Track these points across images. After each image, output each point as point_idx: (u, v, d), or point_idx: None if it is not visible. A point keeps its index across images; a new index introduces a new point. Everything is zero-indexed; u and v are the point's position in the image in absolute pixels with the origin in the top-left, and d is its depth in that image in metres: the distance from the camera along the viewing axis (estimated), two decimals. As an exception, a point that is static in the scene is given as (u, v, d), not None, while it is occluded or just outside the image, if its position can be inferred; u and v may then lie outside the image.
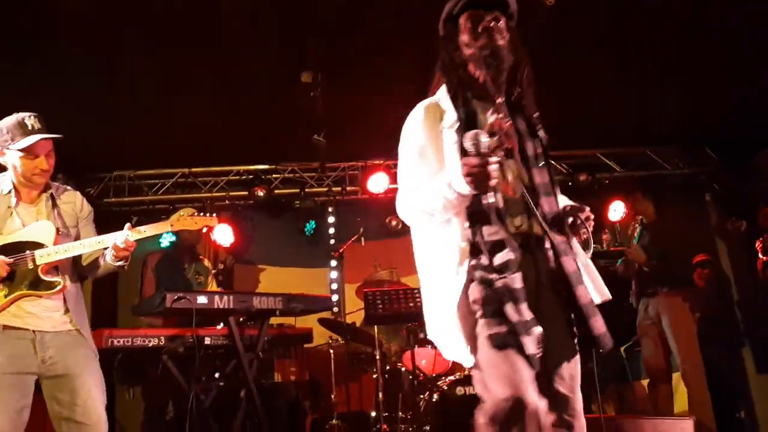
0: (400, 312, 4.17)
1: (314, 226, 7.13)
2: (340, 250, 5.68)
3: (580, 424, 1.84)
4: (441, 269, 1.86)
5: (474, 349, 1.78)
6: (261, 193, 6.46)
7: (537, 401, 1.65)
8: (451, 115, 1.91)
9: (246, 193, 6.62)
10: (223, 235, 6.61)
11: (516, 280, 1.73)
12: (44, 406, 2.54)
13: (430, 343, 4.67)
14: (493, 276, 1.73)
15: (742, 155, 6.43)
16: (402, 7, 4.13)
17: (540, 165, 1.90)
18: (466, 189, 1.71)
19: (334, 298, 6.51)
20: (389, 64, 4.79)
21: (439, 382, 4.16)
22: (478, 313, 1.76)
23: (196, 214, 2.87)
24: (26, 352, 2.47)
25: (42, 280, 2.53)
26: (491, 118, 1.71)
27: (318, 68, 4.79)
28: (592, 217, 1.99)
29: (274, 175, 6.74)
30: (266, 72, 4.88)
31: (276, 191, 6.67)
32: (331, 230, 7.15)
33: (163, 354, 3.77)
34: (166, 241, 5.48)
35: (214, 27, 4.30)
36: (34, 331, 2.51)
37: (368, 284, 5.44)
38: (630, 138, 6.45)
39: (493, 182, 1.67)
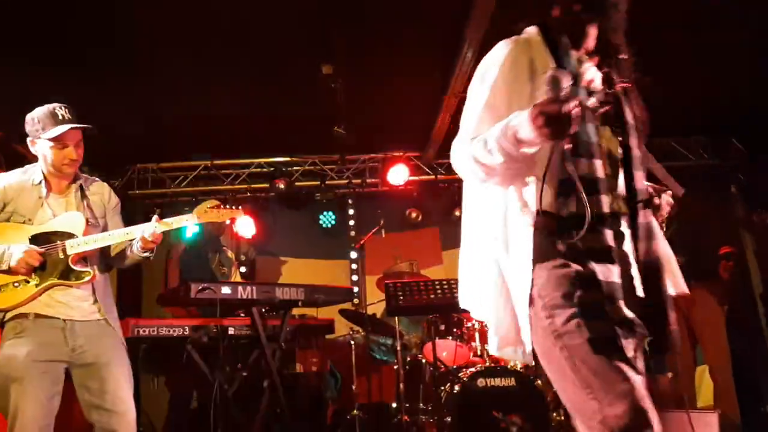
0: (421, 303, 4.17)
1: (333, 217, 7.16)
2: (361, 242, 5.69)
3: None
4: (506, 248, 1.57)
5: (550, 352, 1.47)
6: (282, 186, 6.50)
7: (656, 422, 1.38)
8: (543, 61, 1.60)
9: (267, 185, 6.66)
10: (245, 226, 6.66)
11: (613, 273, 1.50)
12: (74, 393, 2.59)
13: (451, 334, 4.67)
14: (585, 265, 1.47)
15: (769, 146, 6.31)
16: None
17: (638, 134, 1.67)
18: (531, 134, 1.40)
19: (355, 289, 6.54)
20: (410, 56, 4.78)
21: (460, 374, 4.16)
22: (565, 311, 1.44)
23: (221, 206, 2.90)
24: (57, 340, 2.52)
25: (72, 269, 2.57)
26: (592, 75, 1.54)
27: (339, 60, 4.79)
28: (673, 203, 1.77)
29: (294, 168, 6.77)
30: (287, 63, 4.89)
31: (296, 183, 6.71)
32: (352, 222, 7.18)
33: (187, 344, 3.83)
34: (190, 233, 5.54)
35: (235, 19, 4.32)
36: (64, 320, 2.55)
37: (388, 276, 5.45)
38: (653, 128, 6.33)
39: (571, 129, 1.36)
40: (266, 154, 6.72)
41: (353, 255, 7.07)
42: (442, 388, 4.19)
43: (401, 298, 4.17)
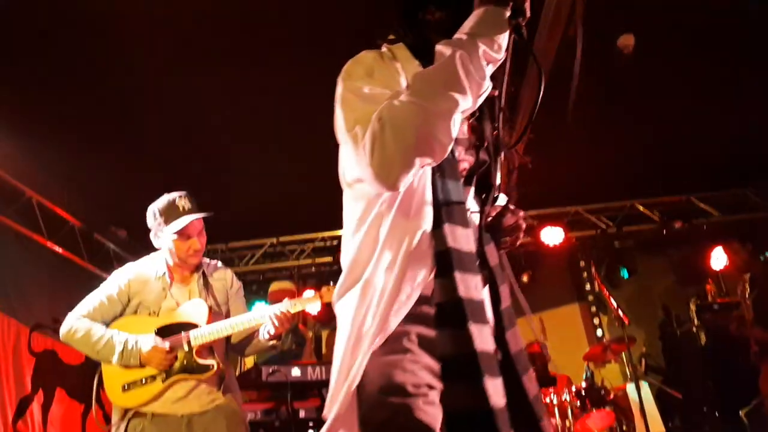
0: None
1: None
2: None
3: None
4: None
5: None
6: (347, 259, 6.43)
7: None
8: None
9: (331, 258, 6.62)
10: (313, 303, 6.56)
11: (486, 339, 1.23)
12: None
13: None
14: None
15: None
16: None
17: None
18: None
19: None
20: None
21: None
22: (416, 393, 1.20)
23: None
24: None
25: (197, 362, 2.50)
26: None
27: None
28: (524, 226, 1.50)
29: (358, 240, 6.72)
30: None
31: (362, 256, 6.64)
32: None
33: (260, 429, 3.78)
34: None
35: (298, 105, 4.40)
36: (182, 416, 2.47)
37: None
38: (726, 178, 6.17)
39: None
40: (329, 228, 6.72)
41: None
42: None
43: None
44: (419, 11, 1.41)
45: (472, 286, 1.23)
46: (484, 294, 1.33)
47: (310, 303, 2.65)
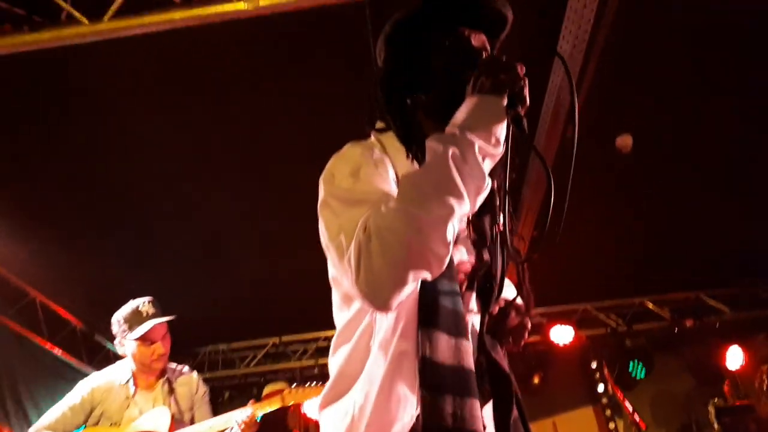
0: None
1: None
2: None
3: None
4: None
5: None
6: (352, 359, 6.27)
7: None
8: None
9: (335, 359, 6.46)
10: (313, 406, 6.34)
11: None
12: None
13: None
14: None
15: None
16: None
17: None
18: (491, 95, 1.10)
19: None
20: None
21: None
22: None
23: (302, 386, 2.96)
24: None
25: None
26: None
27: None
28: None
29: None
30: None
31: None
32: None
33: None
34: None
35: (295, 207, 4.45)
36: None
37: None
38: (737, 274, 6.11)
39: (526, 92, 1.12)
40: (333, 327, 6.58)
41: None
42: None
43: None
44: (407, 97, 1.30)
45: (467, 410, 1.06)
46: (486, 411, 1.17)
47: (270, 407, 2.59)
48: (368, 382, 1.14)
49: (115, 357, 5.76)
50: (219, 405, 5.70)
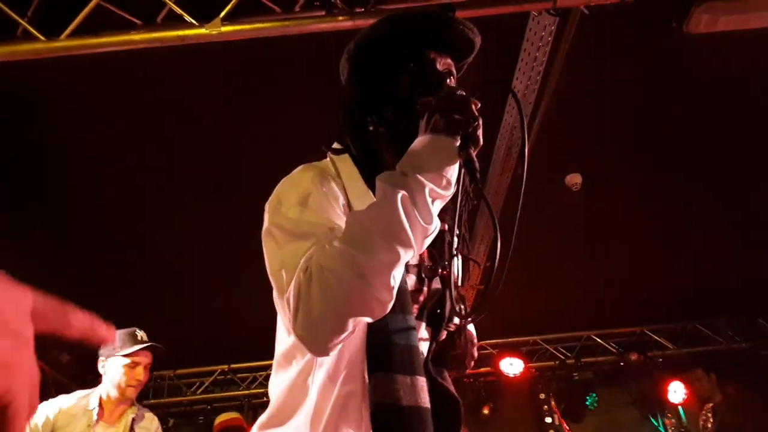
0: None
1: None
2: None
3: None
4: None
5: None
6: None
7: None
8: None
9: (285, 388, 6.34)
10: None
11: None
12: None
13: None
14: None
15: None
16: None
17: None
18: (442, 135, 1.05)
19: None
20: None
21: None
22: None
23: None
24: None
25: None
26: None
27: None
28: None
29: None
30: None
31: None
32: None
33: None
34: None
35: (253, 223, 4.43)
36: None
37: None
38: (677, 312, 6.34)
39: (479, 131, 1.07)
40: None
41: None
42: None
43: None
44: (369, 118, 1.26)
45: None
46: None
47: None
48: (310, 424, 1.09)
49: (55, 383, 5.53)
50: (162, 434, 5.51)
